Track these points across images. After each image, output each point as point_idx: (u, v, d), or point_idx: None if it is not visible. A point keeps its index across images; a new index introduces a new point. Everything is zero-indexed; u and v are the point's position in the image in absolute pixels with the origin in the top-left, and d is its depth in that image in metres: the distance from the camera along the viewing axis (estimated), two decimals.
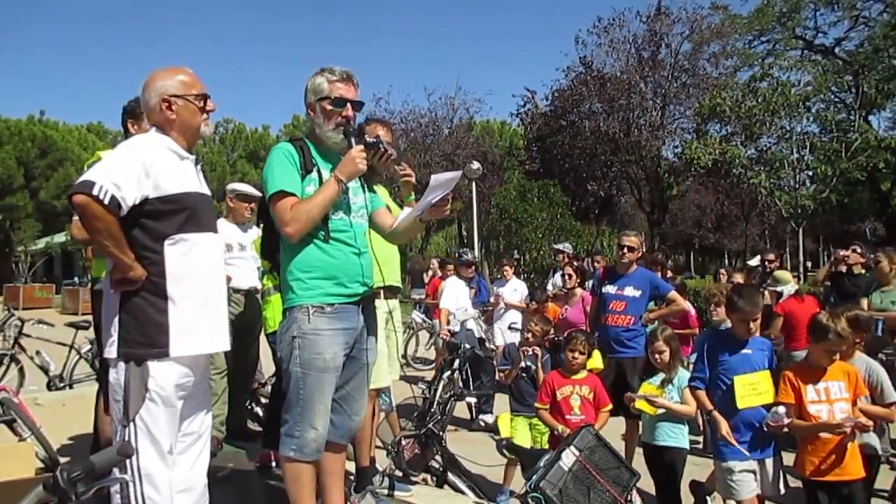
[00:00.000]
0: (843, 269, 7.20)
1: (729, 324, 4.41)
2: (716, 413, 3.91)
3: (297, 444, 2.87)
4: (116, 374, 2.60)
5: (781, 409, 3.70)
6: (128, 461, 2.43)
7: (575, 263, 8.17)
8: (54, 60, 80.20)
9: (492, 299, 9.75)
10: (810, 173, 21.34)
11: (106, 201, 2.44)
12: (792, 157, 20.69)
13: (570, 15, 73.99)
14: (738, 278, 6.83)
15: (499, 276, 10.26)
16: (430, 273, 11.28)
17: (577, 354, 4.77)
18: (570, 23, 73.65)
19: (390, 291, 3.87)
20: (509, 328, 8.90)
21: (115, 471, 1.78)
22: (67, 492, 1.65)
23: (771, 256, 8.76)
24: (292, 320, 2.89)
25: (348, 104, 2.96)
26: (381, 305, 3.55)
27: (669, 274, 8.15)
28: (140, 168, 2.55)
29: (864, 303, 6.31)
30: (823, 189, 20.48)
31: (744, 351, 3.95)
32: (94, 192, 2.43)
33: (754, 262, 8.42)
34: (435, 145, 27.29)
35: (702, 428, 6.31)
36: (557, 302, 8.06)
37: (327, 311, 2.88)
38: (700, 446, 6.23)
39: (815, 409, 3.70)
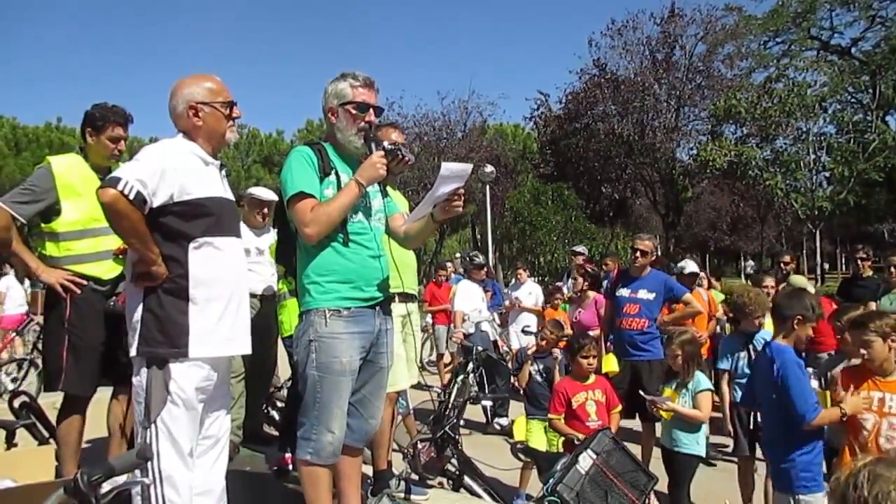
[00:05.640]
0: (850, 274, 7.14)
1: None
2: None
3: (314, 447, 2.87)
4: (139, 377, 2.64)
5: None
6: (148, 463, 2.45)
7: (587, 267, 8.13)
8: (71, 67, 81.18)
9: (507, 303, 9.72)
10: (827, 175, 21.21)
11: (132, 197, 2.49)
12: (808, 159, 20.60)
13: (584, 17, 73.90)
14: (769, 282, 6.72)
15: (513, 280, 10.23)
16: (443, 277, 11.18)
17: (591, 360, 4.78)
18: (583, 25, 73.75)
19: (406, 296, 3.87)
20: (522, 331, 8.87)
21: (137, 472, 1.79)
22: (88, 494, 1.66)
23: (787, 259, 8.67)
24: (309, 324, 2.89)
25: (370, 109, 2.99)
26: (398, 309, 3.55)
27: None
28: (162, 168, 2.59)
29: (874, 307, 6.24)
30: (840, 190, 20.35)
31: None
32: (120, 187, 2.48)
33: (689, 266, 7.89)
34: (448, 149, 27.26)
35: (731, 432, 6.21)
36: (570, 304, 8.03)
37: (344, 314, 2.87)
38: (729, 449, 6.11)
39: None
